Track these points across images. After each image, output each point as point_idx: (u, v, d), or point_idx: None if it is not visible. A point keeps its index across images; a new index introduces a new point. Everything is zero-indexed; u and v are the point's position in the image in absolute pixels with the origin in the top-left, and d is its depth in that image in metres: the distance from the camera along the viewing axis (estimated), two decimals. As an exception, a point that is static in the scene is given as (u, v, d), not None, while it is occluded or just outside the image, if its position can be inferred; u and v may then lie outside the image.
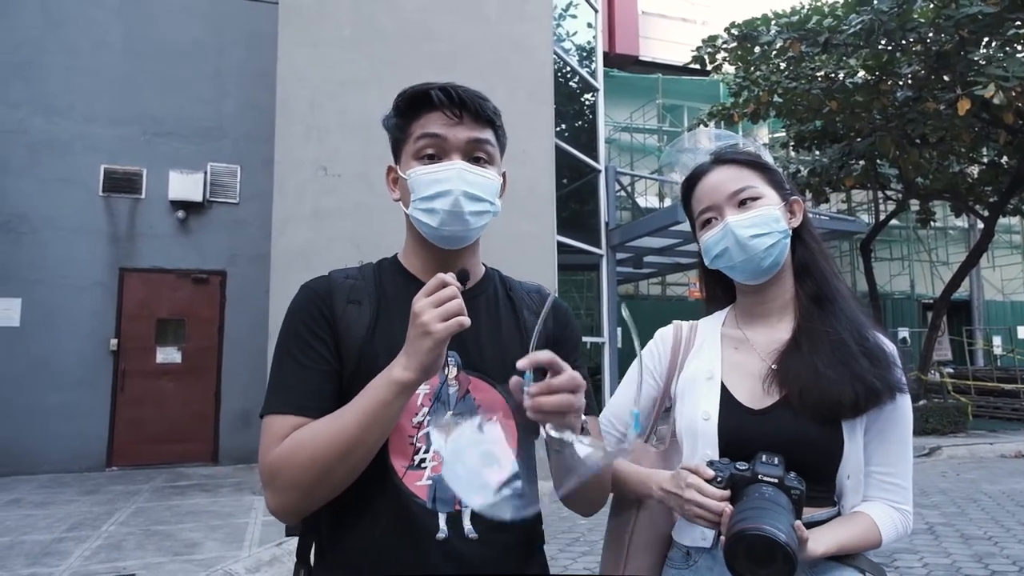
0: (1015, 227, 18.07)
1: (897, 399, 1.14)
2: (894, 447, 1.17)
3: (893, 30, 8.51)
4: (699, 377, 1.27)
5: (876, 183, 12.35)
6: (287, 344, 1.06)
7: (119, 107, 8.11)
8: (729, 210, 1.23)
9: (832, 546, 1.07)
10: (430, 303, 0.91)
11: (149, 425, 7.77)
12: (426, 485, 1.02)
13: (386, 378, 0.94)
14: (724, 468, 1.07)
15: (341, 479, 0.96)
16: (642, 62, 16.91)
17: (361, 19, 6.71)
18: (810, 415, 1.12)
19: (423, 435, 1.04)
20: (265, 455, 0.99)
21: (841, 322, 1.18)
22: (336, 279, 1.13)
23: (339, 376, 1.05)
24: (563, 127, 8.33)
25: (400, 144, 1.14)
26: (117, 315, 7.87)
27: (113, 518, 5.45)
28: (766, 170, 1.27)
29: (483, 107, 1.11)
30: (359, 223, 6.40)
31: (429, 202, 1.08)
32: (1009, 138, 9.61)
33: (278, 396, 1.03)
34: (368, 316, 1.08)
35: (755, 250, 1.20)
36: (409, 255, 1.18)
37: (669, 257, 10.73)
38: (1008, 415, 11.50)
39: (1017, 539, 5.02)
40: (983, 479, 7.37)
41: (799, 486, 1.03)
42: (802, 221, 1.27)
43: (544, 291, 1.29)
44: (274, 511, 0.99)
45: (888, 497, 1.16)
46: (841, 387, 1.11)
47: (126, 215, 8.02)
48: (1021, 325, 17.30)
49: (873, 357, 1.14)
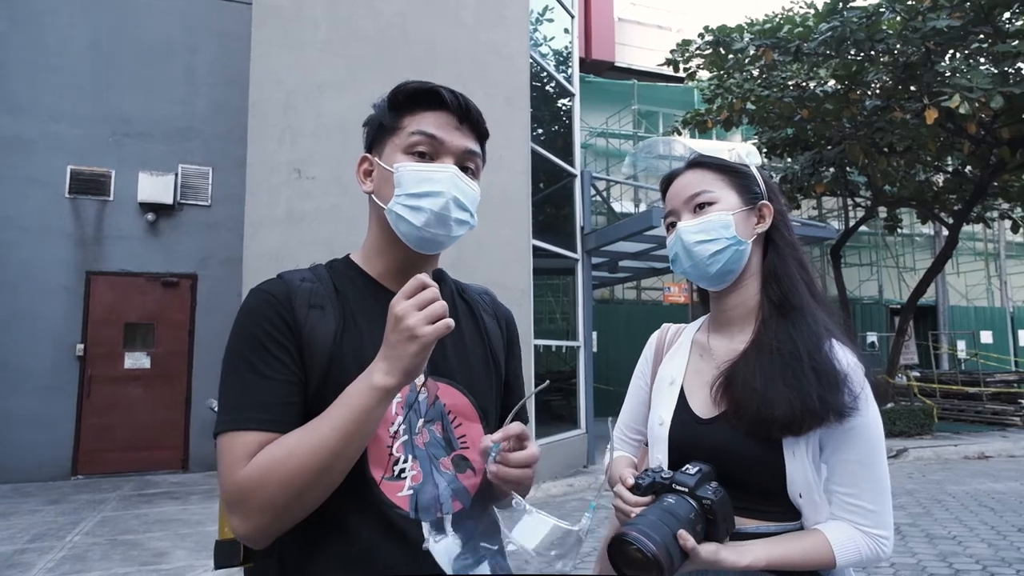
0: (978, 235, 18.55)
1: (850, 420, 1.08)
2: (852, 467, 1.10)
3: (862, 40, 8.70)
4: (664, 382, 1.29)
5: (846, 190, 12.60)
6: (243, 352, 0.98)
7: (86, 106, 7.94)
8: (685, 215, 1.23)
9: (761, 559, 1.04)
10: (413, 305, 0.88)
11: (117, 432, 7.59)
12: (407, 495, 1.00)
13: (366, 385, 0.90)
14: (648, 476, 1.09)
15: (319, 496, 0.91)
16: (618, 68, 17.05)
17: (338, 21, 6.66)
18: (746, 429, 1.10)
19: (400, 444, 1.01)
20: (230, 477, 0.91)
21: (801, 334, 1.13)
22: (292, 282, 1.05)
23: (304, 387, 0.98)
24: (539, 132, 8.35)
25: (386, 135, 1.09)
26: (84, 319, 7.69)
27: (78, 528, 5.31)
28: (734, 173, 1.24)
29: (481, 120, 1.10)
30: (333, 227, 6.34)
31: (416, 199, 1.03)
32: (973, 148, 9.87)
33: (238, 411, 0.94)
34: (333, 321, 1.02)
35: (700, 256, 1.19)
36: (371, 256, 1.13)
37: (644, 262, 10.81)
38: (972, 418, 11.78)
39: (980, 538, 5.13)
40: (948, 480, 7.53)
41: (712, 496, 1.02)
42: (775, 226, 1.24)
43: (492, 293, 1.31)
44: (244, 536, 0.92)
45: (852, 519, 1.10)
46: (777, 404, 1.07)
47: (93, 217, 7.85)
48: (984, 330, 17.77)
49: (822, 375, 1.08)
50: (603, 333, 12.83)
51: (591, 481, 7.32)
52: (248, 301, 1.03)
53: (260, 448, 0.91)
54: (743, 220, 1.21)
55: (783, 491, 1.10)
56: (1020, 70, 8.36)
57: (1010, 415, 11.37)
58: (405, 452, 1.01)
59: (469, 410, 1.09)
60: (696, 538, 1.00)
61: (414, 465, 1.01)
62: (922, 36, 8.25)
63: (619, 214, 13.01)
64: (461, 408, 1.09)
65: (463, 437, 1.08)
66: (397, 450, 1.01)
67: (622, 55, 17.20)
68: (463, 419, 1.09)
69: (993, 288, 18.91)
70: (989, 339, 17.71)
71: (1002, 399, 11.73)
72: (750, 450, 1.11)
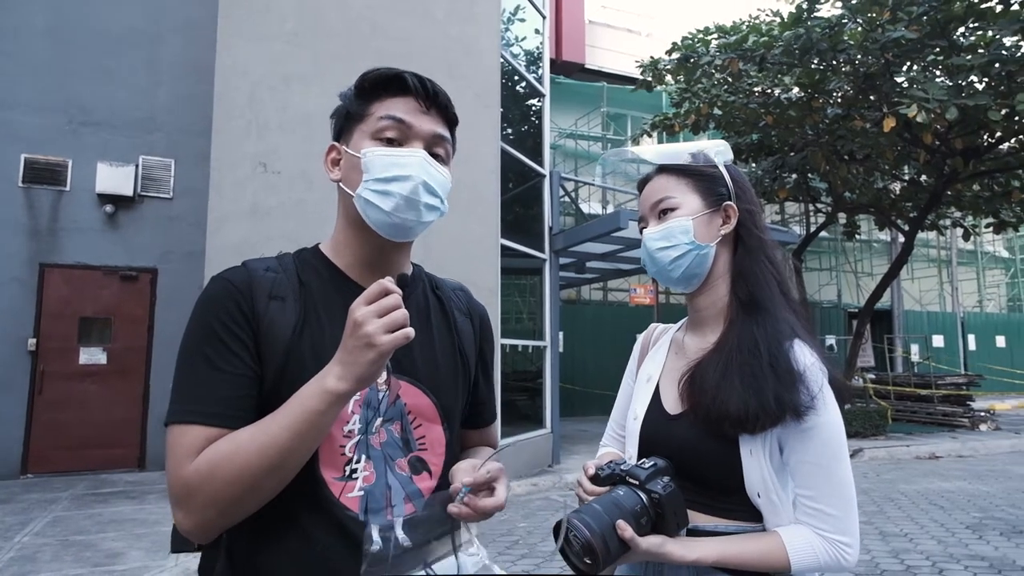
0: (932, 242, 19.17)
1: (808, 420, 1.07)
2: (810, 469, 1.08)
3: (825, 50, 8.92)
4: (643, 379, 1.31)
5: (807, 196, 12.88)
6: (198, 343, 0.95)
7: (43, 94, 7.68)
8: (652, 221, 1.25)
9: (710, 555, 1.04)
10: (373, 312, 0.85)
11: (70, 429, 7.36)
12: (358, 496, 0.98)
13: (319, 387, 0.88)
14: (608, 468, 1.11)
15: (266, 494, 0.90)
16: (588, 70, 17.16)
17: (305, 13, 6.57)
18: (703, 426, 1.11)
19: (354, 444, 0.99)
20: (178, 471, 0.89)
21: (763, 333, 1.14)
22: (255, 271, 1.02)
23: (259, 381, 0.96)
24: (509, 131, 8.37)
25: (354, 122, 1.07)
26: (37, 313, 7.44)
27: (27, 528, 5.14)
28: (699, 176, 1.24)
29: (451, 106, 1.09)
30: (299, 222, 6.26)
31: (385, 184, 1.01)
32: (928, 158, 10.18)
33: (189, 403, 0.92)
34: (293, 315, 0.99)
35: (662, 263, 1.22)
36: (339, 247, 1.10)
37: (611, 263, 10.90)
38: (923, 419, 12.15)
39: (930, 535, 5.30)
40: (900, 479, 7.76)
41: (660, 491, 1.04)
42: (743, 225, 1.23)
43: (467, 290, 1.29)
44: (188, 531, 0.90)
45: (812, 523, 1.07)
46: (732, 402, 1.07)
47: (48, 208, 7.60)
48: (936, 334, 18.36)
49: (779, 374, 1.08)
50: (569, 333, 12.89)
51: (556, 480, 7.36)
52: (208, 288, 1.00)
53: (208, 443, 0.90)
54: (705, 224, 1.21)
55: (738, 490, 1.10)
56: (973, 83, 8.66)
57: (959, 416, 11.75)
58: (359, 452, 0.99)
59: (430, 411, 1.08)
60: (640, 531, 1.01)
61: (367, 465, 1.00)
62: (881, 47, 8.49)
63: (587, 215, 13.10)
64: (422, 408, 1.07)
65: (422, 439, 1.06)
66: (350, 450, 0.99)
67: (592, 57, 17.33)
68: (423, 420, 1.07)
69: (945, 294, 19.57)
70: (941, 343, 18.31)
71: (952, 401, 12.11)
72: (708, 447, 1.11)
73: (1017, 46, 8.28)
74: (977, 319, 19.64)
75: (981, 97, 7.92)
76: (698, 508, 1.12)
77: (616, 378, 1.47)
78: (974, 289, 20.75)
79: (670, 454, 1.14)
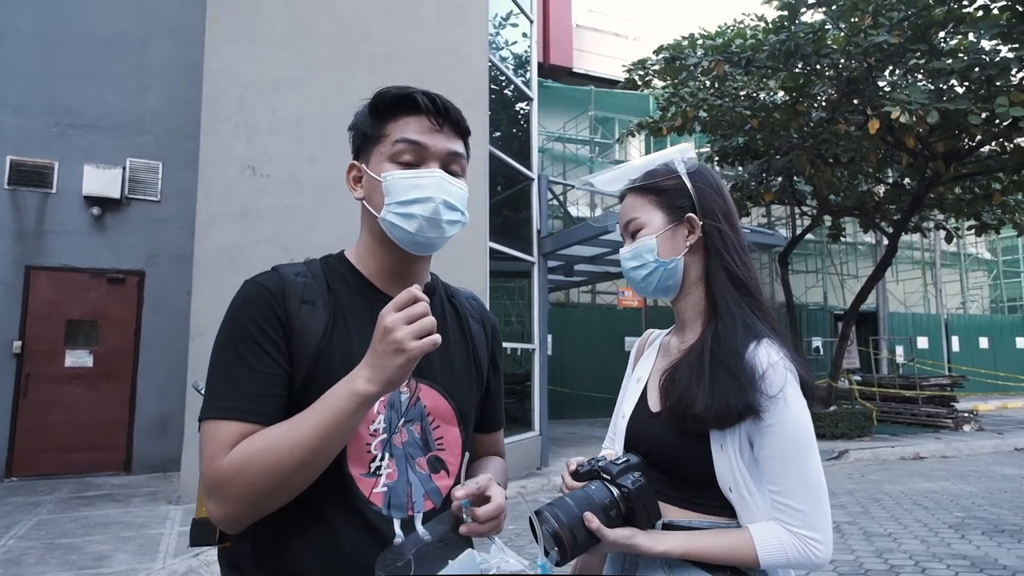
0: (916, 244, 19.38)
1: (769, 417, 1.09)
2: (775, 464, 1.10)
3: (808, 55, 9.04)
4: (634, 380, 1.36)
5: (793, 199, 13.01)
6: (234, 343, 0.99)
7: (29, 95, 7.63)
8: (626, 240, 1.32)
9: (678, 548, 1.08)
10: (402, 319, 0.89)
11: (55, 432, 7.31)
12: (382, 492, 1.03)
13: (348, 389, 0.92)
14: (589, 464, 1.16)
15: (295, 489, 0.94)
16: (575, 74, 17.25)
17: (295, 17, 6.58)
18: (676, 424, 1.15)
19: (379, 442, 1.04)
20: (211, 463, 0.93)
21: (728, 333, 1.17)
22: (287, 276, 1.07)
23: (290, 381, 1.00)
24: (497, 135, 8.40)
25: (371, 143, 1.10)
26: (22, 316, 7.38)
27: (12, 532, 5.11)
28: (660, 192, 1.27)
29: (462, 119, 1.12)
30: (288, 225, 6.26)
31: (407, 207, 1.05)
32: (911, 161, 10.32)
33: (224, 400, 0.97)
34: (323, 318, 1.04)
35: (635, 280, 1.29)
36: (364, 256, 1.14)
37: (599, 266, 10.94)
38: (908, 420, 12.27)
39: (914, 535, 5.38)
40: (885, 480, 7.85)
41: (630, 486, 1.08)
42: (707, 232, 1.25)
43: (478, 299, 1.35)
44: (219, 521, 0.95)
45: (781, 518, 1.09)
46: (697, 401, 1.11)
47: (34, 210, 7.55)
48: (921, 336, 18.55)
49: (739, 373, 1.11)
50: (558, 336, 12.93)
51: (544, 483, 7.39)
52: (242, 292, 1.04)
53: (241, 438, 0.94)
54: (669, 239, 1.25)
55: (710, 485, 1.13)
56: (953, 87, 8.80)
57: (943, 417, 11.89)
58: (383, 450, 1.04)
59: (448, 413, 1.13)
60: (610, 523, 1.06)
61: (390, 463, 1.05)
62: (864, 51, 8.61)
63: (575, 218, 13.15)
64: (440, 411, 1.12)
65: (440, 439, 1.11)
66: (375, 448, 1.04)
67: (580, 61, 17.42)
68: (441, 421, 1.12)
69: (929, 296, 19.78)
70: (925, 344, 18.49)
71: (936, 402, 12.25)
72: (681, 443, 1.15)
73: (996, 50, 8.42)
74: (960, 321, 19.87)
75: (961, 101, 8.05)
76: (673, 502, 1.16)
77: (604, 380, 1.52)
78: (957, 291, 21.00)
79: (650, 450, 1.18)
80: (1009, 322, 20.73)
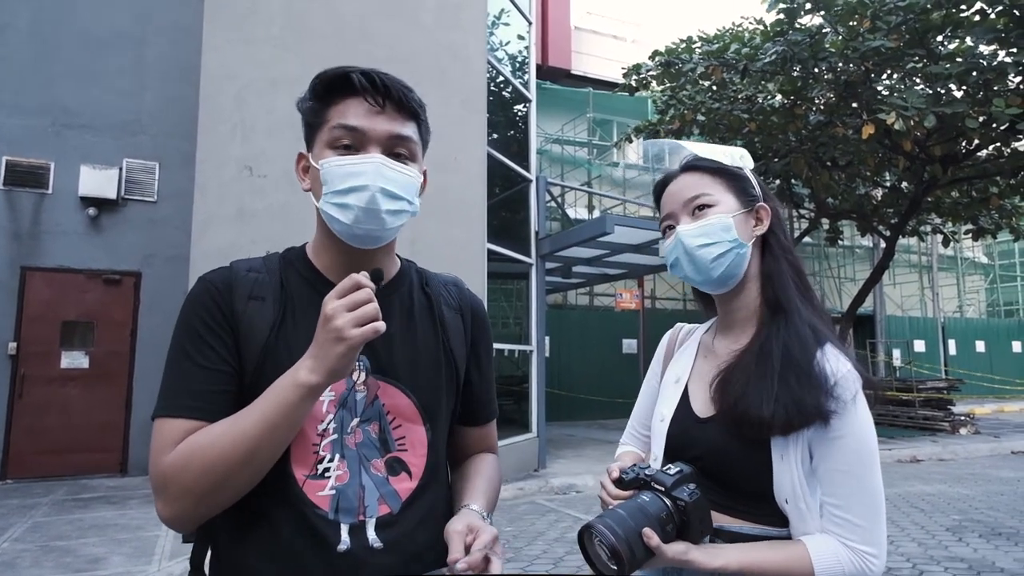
0: (913, 248, 19.42)
1: (838, 428, 1.05)
2: (839, 478, 1.06)
3: (806, 59, 9.05)
4: (670, 380, 1.29)
5: (791, 202, 13.02)
6: (181, 341, 0.99)
7: (25, 95, 7.61)
8: (684, 218, 1.20)
9: (733, 563, 1.03)
10: (343, 306, 0.87)
11: (51, 434, 7.28)
12: (328, 495, 0.98)
13: (291, 380, 0.89)
14: (633, 471, 1.10)
15: (240, 486, 0.92)
16: (574, 76, 17.26)
17: (293, 17, 6.57)
18: (735, 429, 1.10)
19: (327, 443, 1.00)
20: (157, 461, 0.92)
21: (790, 336, 1.12)
22: (238, 271, 1.04)
23: (238, 377, 0.98)
24: (495, 136, 8.40)
25: (314, 130, 1.05)
26: (17, 317, 7.35)
27: (7, 534, 5.08)
28: (731, 176, 1.22)
29: (407, 97, 1.04)
30: (285, 225, 6.24)
31: (342, 196, 0.99)
32: (908, 164, 10.33)
33: (171, 398, 0.96)
34: (272, 314, 1.01)
35: (703, 260, 1.17)
36: (318, 250, 1.10)
37: (597, 268, 10.95)
38: (905, 423, 12.28)
39: (911, 538, 5.37)
40: (882, 483, 7.83)
41: (687, 498, 1.03)
42: (771, 228, 1.22)
43: (461, 283, 1.28)
44: (166, 520, 0.93)
45: (839, 533, 1.05)
46: (762, 405, 1.06)
47: (30, 211, 7.53)
48: (917, 339, 18.59)
49: (807, 378, 1.07)
50: (556, 338, 12.93)
51: (542, 485, 7.37)
52: (192, 289, 1.03)
53: (187, 435, 0.92)
54: (742, 223, 1.19)
55: (766, 495, 1.08)
56: (951, 91, 8.81)
57: (940, 421, 11.89)
58: (332, 451, 1.00)
59: (411, 411, 1.07)
60: (665, 537, 1.00)
61: (340, 465, 1.00)
62: (861, 55, 8.62)
63: (573, 220, 13.16)
64: (402, 409, 1.06)
65: (401, 439, 1.06)
66: (324, 449, 1.00)
67: (578, 63, 17.44)
68: (403, 420, 1.07)
69: (926, 299, 19.82)
70: (922, 348, 18.53)
71: (932, 405, 12.25)
72: (738, 451, 1.10)
73: (994, 54, 8.44)
74: (957, 324, 19.91)
75: (959, 105, 8.06)
76: (724, 511, 1.11)
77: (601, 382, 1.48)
78: (954, 294, 21.06)
79: (699, 456, 1.13)
80: (1005, 326, 20.79)
